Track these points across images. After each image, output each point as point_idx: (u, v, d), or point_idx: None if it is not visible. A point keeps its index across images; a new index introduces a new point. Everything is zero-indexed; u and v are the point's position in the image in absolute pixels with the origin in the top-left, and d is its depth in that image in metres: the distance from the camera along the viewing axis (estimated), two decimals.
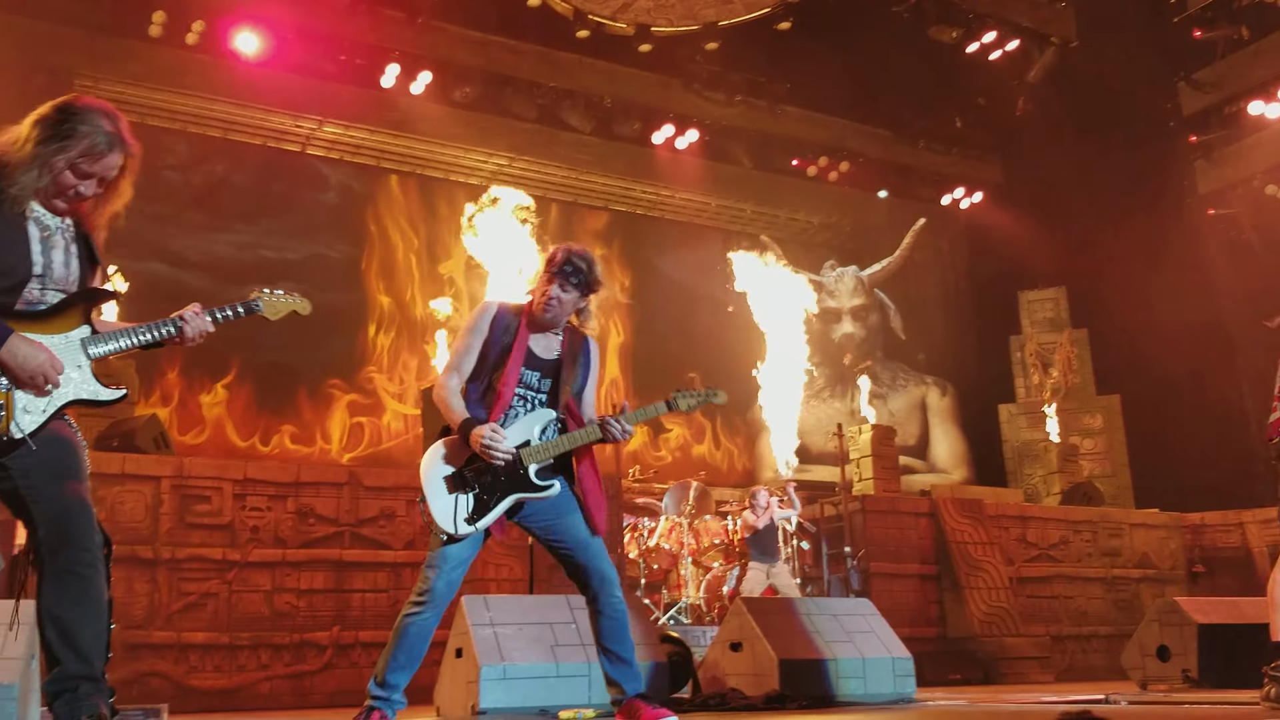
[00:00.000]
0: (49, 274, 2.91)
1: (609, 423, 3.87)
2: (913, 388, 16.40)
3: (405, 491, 9.25)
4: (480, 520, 3.76)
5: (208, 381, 12.48)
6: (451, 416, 3.84)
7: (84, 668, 2.81)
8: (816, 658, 5.51)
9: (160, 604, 7.94)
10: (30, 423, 2.78)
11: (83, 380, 2.90)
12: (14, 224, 2.85)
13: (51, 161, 2.85)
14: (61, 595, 2.82)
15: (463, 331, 4.00)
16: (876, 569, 10.30)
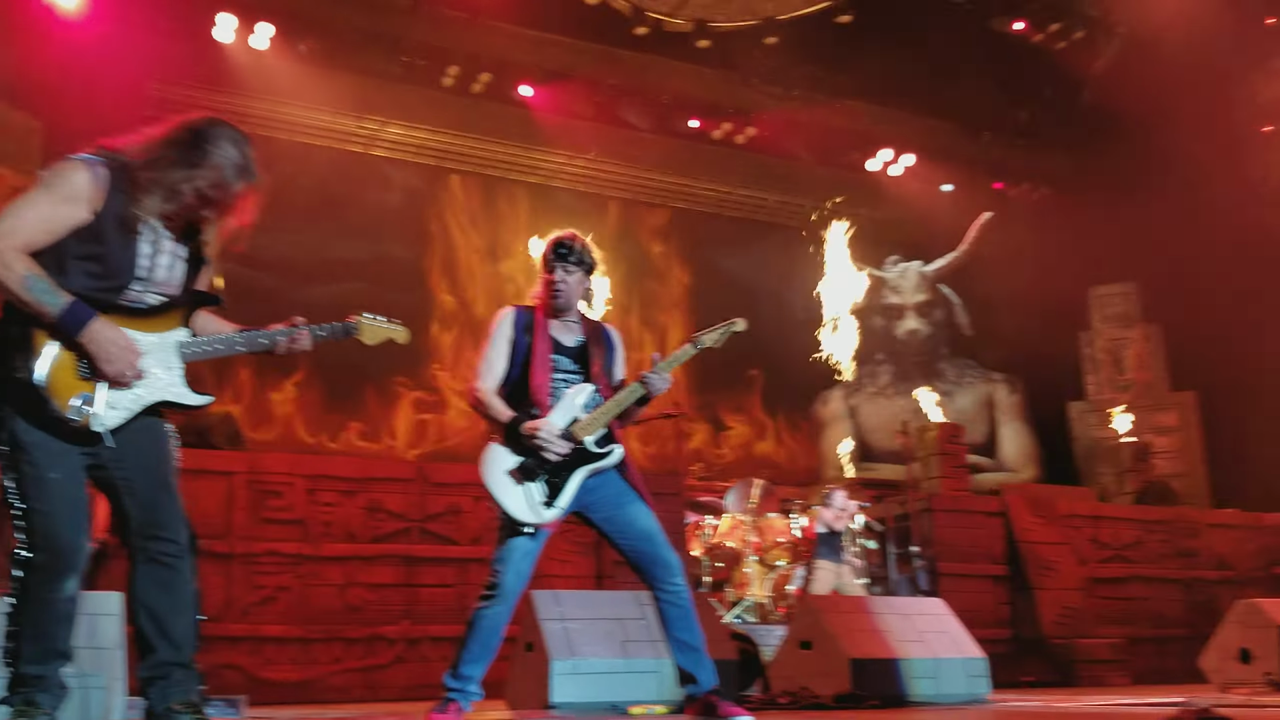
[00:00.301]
0: (152, 277, 2.97)
1: (647, 377, 3.95)
2: (980, 385, 16.16)
3: (471, 487, 9.30)
4: (558, 501, 3.80)
5: (279, 379, 12.67)
6: (496, 417, 3.90)
7: (176, 655, 2.89)
8: (888, 657, 5.46)
9: (235, 597, 8.07)
10: (113, 419, 2.84)
11: (171, 382, 2.95)
12: (128, 228, 2.90)
13: (179, 189, 2.91)
14: (152, 584, 2.90)
15: (487, 339, 4.08)
16: (945, 569, 10.17)
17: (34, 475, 2.80)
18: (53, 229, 2.80)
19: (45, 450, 2.80)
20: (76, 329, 2.74)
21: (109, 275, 2.88)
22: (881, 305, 16.16)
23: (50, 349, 2.76)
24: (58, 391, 2.76)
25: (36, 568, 2.80)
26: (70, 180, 2.83)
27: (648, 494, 4.00)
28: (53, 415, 2.75)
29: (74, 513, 2.85)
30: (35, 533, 2.79)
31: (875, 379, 16.12)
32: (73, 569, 2.84)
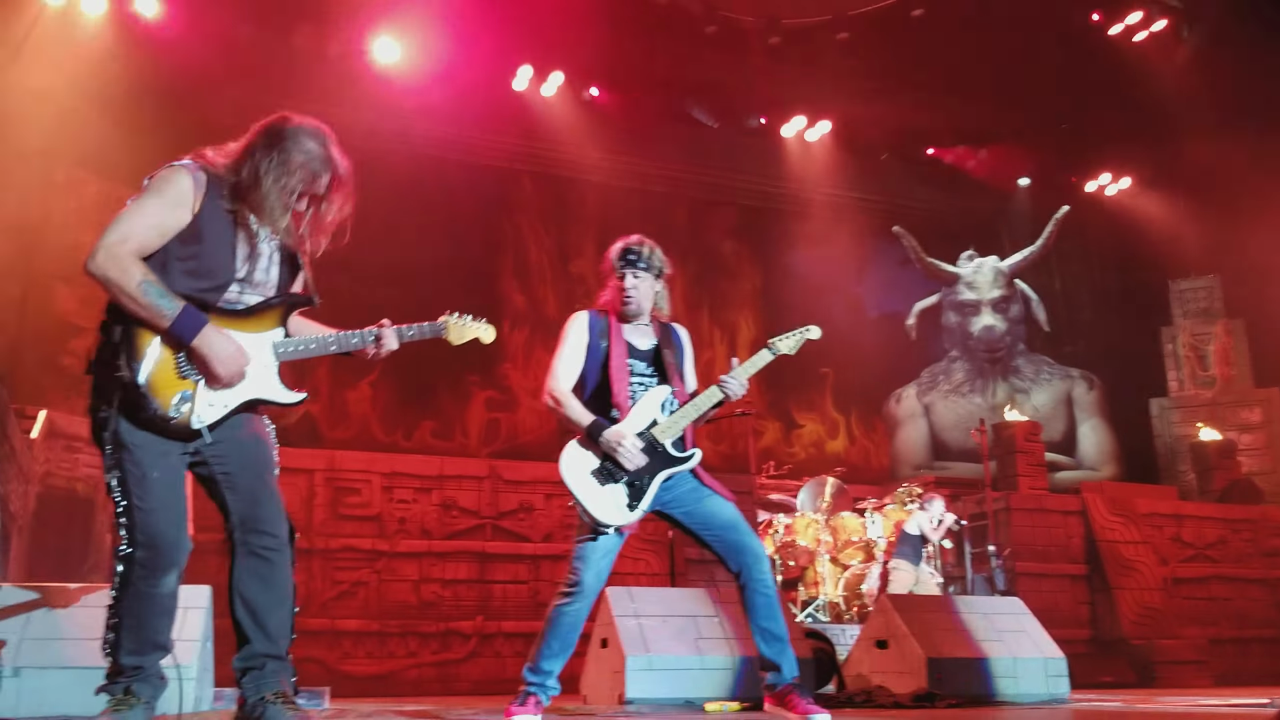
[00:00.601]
0: (250, 278, 3.05)
1: (725, 381, 3.96)
2: (1057, 381, 15.86)
3: (543, 485, 9.40)
4: (639, 504, 3.83)
5: (354, 379, 12.87)
6: (574, 420, 3.93)
7: (271, 647, 2.96)
8: (966, 656, 5.39)
9: (315, 592, 8.24)
10: (211, 415, 2.91)
11: (267, 380, 3.03)
12: (226, 228, 2.99)
13: (285, 200, 3.01)
14: (251, 577, 2.97)
15: (562, 342, 4.09)
16: (1023, 568, 10.04)
17: (137, 474, 2.88)
18: (164, 232, 2.90)
19: (148, 450, 2.89)
20: (191, 334, 2.82)
21: (208, 275, 2.96)
22: (957, 301, 15.93)
23: (153, 350, 2.84)
24: (159, 390, 2.83)
25: (138, 563, 2.87)
26: (176, 184, 2.93)
27: (724, 490, 4.01)
28: (154, 413, 2.83)
29: (174, 510, 2.93)
30: (137, 529, 2.87)
31: (949, 376, 15.91)
32: (173, 564, 2.92)
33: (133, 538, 2.87)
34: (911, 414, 15.67)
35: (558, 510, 9.37)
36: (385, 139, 13.10)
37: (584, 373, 4.04)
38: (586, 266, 14.99)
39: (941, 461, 15.06)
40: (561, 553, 9.34)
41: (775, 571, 9.85)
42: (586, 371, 4.03)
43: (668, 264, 4.18)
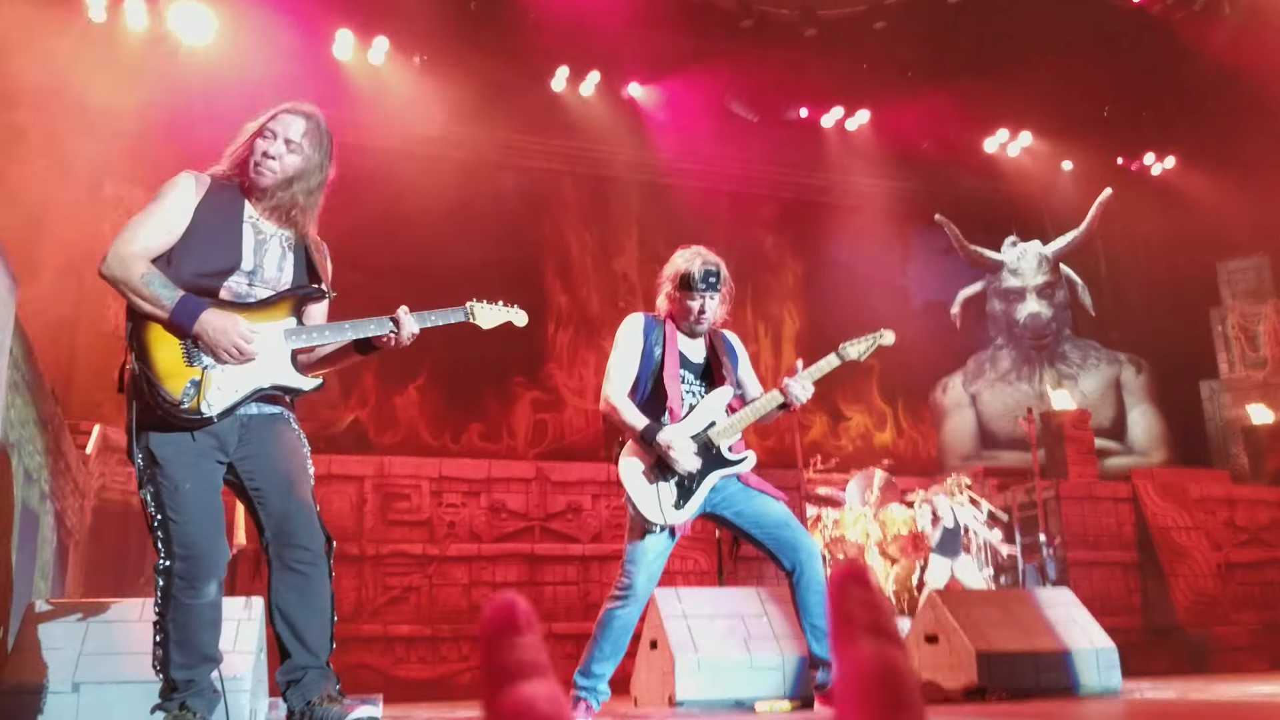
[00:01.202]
0: (259, 272, 3.13)
1: (789, 384, 4.00)
2: (1105, 366, 15.64)
3: (590, 486, 9.45)
4: (688, 504, 3.87)
5: (402, 384, 13.00)
6: (629, 424, 3.96)
7: (311, 659, 3.00)
8: (1017, 650, 5.35)
9: (367, 598, 8.34)
10: (221, 401, 2.94)
11: (280, 366, 3.06)
12: (230, 220, 3.12)
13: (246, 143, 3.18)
14: (288, 591, 3.01)
15: (618, 345, 4.13)
16: (1074, 557, 9.94)
17: (169, 487, 2.94)
18: (169, 230, 3.04)
19: (179, 463, 2.95)
20: (191, 319, 2.90)
21: (213, 260, 3.06)
22: (1001, 288, 15.77)
23: (160, 340, 2.93)
24: (167, 379, 2.90)
25: (176, 575, 2.93)
26: (177, 186, 3.10)
27: (773, 489, 4.04)
28: (164, 401, 2.88)
29: (209, 521, 2.98)
30: (173, 541, 2.93)
31: (996, 364, 15.75)
32: (212, 574, 2.97)
33: (169, 550, 2.93)
34: (958, 403, 15.53)
35: (605, 511, 9.41)
36: (427, 144, 13.22)
37: (638, 378, 4.07)
38: (629, 264, 15.02)
39: (990, 451, 14.92)
40: (610, 553, 9.40)
41: (825, 566, 9.84)
42: (640, 376, 4.07)
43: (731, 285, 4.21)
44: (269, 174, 3.13)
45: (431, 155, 13.28)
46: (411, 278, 12.90)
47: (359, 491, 8.66)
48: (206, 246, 3.04)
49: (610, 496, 9.54)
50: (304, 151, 3.18)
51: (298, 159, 3.17)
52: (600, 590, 9.08)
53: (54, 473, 5.47)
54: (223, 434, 3.01)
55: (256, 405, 3.08)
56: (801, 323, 15.54)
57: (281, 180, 3.15)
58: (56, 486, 5.58)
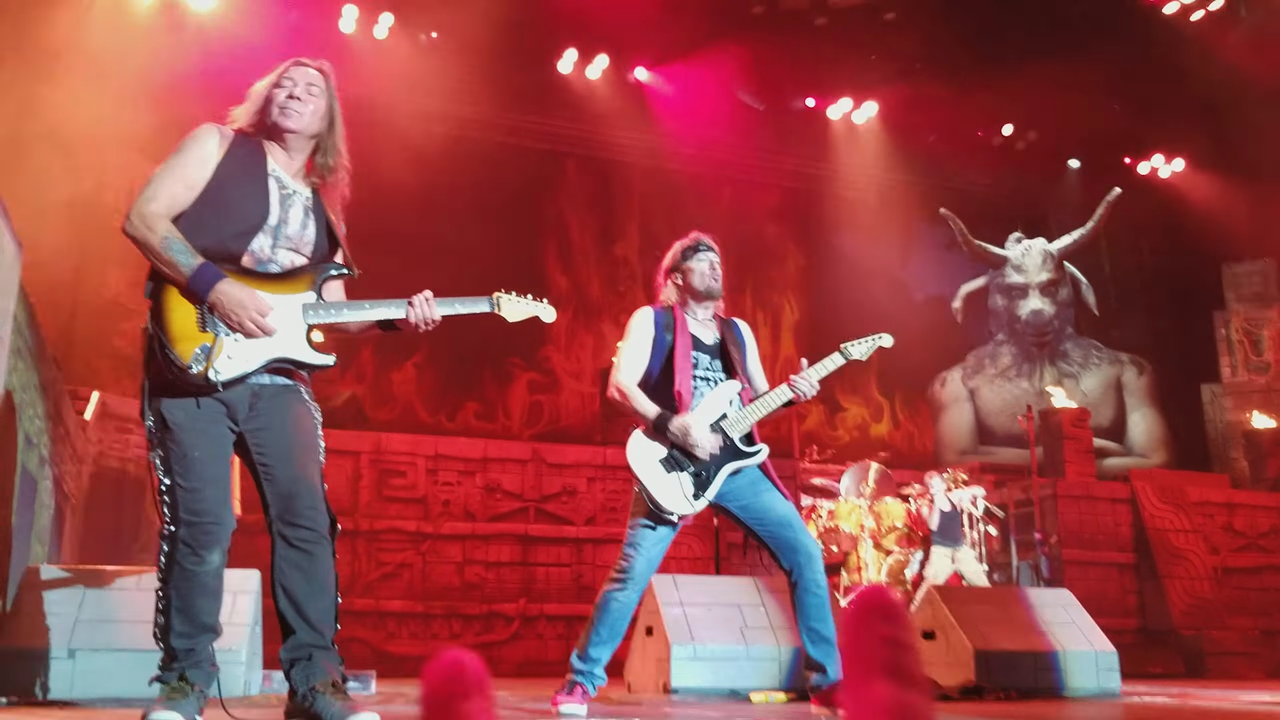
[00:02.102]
0: (283, 227, 3.07)
1: (796, 380, 4.01)
2: (1106, 366, 15.63)
3: (585, 469, 9.43)
4: (704, 495, 3.87)
5: (399, 360, 12.95)
6: (641, 412, 3.98)
7: (315, 637, 2.96)
8: (1015, 649, 5.33)
9: (360, 573, 8.33)
10: (229, 369, 2.88)
11: (294, 340, 2.99)
12: (254, 171, 3.06)
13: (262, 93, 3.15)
14: (292, 570, 2.97)
15: (629, 335, 4.16)
16: (1070, 556, 9.94)
17: (179, 453, 2.91)
18: (190, 185, 2.97)
19: (190, 429, 2.91)
20: (207, 287, 2.85)
21: (240, 218, 2.99)
22: (1004, 284, 15.74)
23: (176, 303, 2.88)
24: (178, 341, 2.85)
25: (181, 540, 2.90)
26: (199, 139, 3.04)
27: (780, 483, 4.03)
28: (173, 363, 2.83)
29: (216, 489, 2.94)
30: (179, 507, 2.90)
31: (996, 360, 15.73)
32: (216, 542, 2.94)
33: (175, 516, 2.90)
34: (956, 398, 15.52)
35: (600, 494, 9.39)
36: (429, 122, 13.13)
37: (650, 368, 4.08)
38: (630, 249, 14.96)
39: (986, 447, 14.92)
40: (604, 536, 9.39)
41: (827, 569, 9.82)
42: (652, 365, 4.08)
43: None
44: (296, 114, 3.09)
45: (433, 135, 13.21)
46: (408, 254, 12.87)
47: (355, 466, 8.64)
48: (232, 201, 2.99)
49: (606, 480, 9.51)
50: (323, 98, 3.17)
51: (321, 102, 3.15)
52: (593, 573, 9.06)
53: (53, 438, 5.43)
54: (234, 402, 2.96)
55: (269, 375, 3.02)
56: (801, 313, 15.51)
57: (311, 121, 3.13)
58: (55, 452, 5.54)
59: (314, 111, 3.14)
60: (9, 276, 3.73)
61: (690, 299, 4.19)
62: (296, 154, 3.16)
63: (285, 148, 3.14)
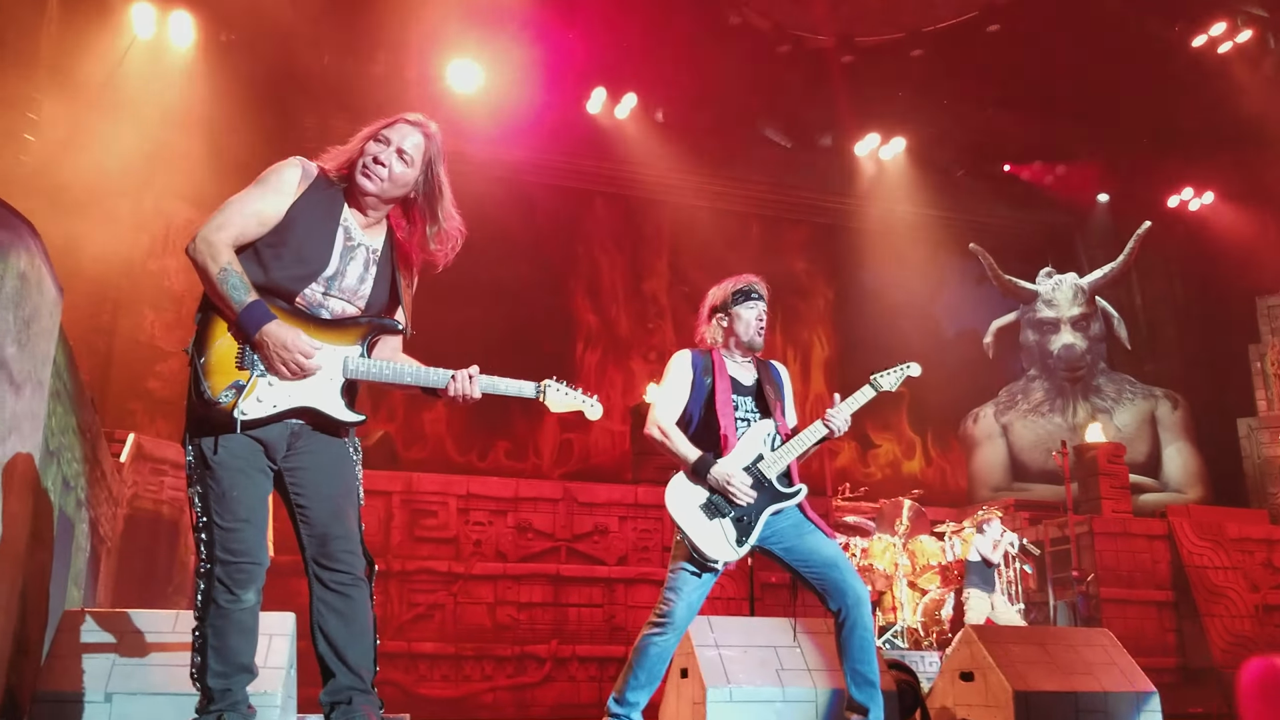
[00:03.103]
0: (338, 279, 3.06)
1: (830, 416, 4.00)
2: (1140, 401, 15.46)
3: (617, 508, 9.40)
4: (748, 540, 3.85)
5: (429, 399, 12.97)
6: (680, 454, 3.97)
7: (355, 680, 2.97)
8: (1055, 690, 5.24)
9: (392, 614, 8.31)
10: (255, 411, 2.88)
11: (327, 392, 2.98)
12: (325, 220, 3.05)
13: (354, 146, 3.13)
14: (330, 613, 2.98)
15: (667, 377, 4.15)
16: (1107, 594, 9.80)
17: (217, 491, 2.91)
18: (262, 220, 2.96)
19: (228, 467, 2.92)
20: (254, 328, 2.84)
21: (299, 262, 2.98)
22: (1035, 319, 15.64)
23: (219, 336, 2.88)
24: (212, 373, 2.85)
25: (217, 579, 2.90)
26: (281, 174, 3.03)
27: (824, 524, 4.00)
28: (203, 394, 2.84)
29: (253, 529, 2.94)
30: (215, 545, 2.90)
31: (1028, 396, 15.60)
32: (251, 581, 2.94)
33: (211, 554, 2.91)
34: (989, 434, 15.38)
35: (631, 533, 9.36)
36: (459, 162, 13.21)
37: (688, 409, 4.07)
38: (659, 286, 15.00)
39: (1021, 483, 14.76)
40: (636, 576, 9.34)
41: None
42: (691, 408, 4.07)
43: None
44: (376, 180, 3.06)
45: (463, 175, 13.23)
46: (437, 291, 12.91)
47: (386, 507, 8.65)
48: (297, 244, 2.97)
49: (637, 519, 9.48)
50: (415, 165, 3.12)
51: (409, 171, 3.11)
52: (625, 614, 9.01)
53: (90, 480, 5.48)
54: (271, 441, 2.96)
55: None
56: (831, 349, 15.47)
57: (388, 188, 3.09)
58: (92, 494, 5.58)
59: (397, 178, 3.10)
60: (50, 321, 3.78)
61: (732, 344, 4.18)
62: (373, 211, 3.14)
63: (359, 208, 3.12)
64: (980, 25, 13.23)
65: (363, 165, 3.05)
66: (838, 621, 3.87)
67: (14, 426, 3.34)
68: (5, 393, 3.24)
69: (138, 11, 10.72)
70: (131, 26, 10.72)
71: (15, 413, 3.36)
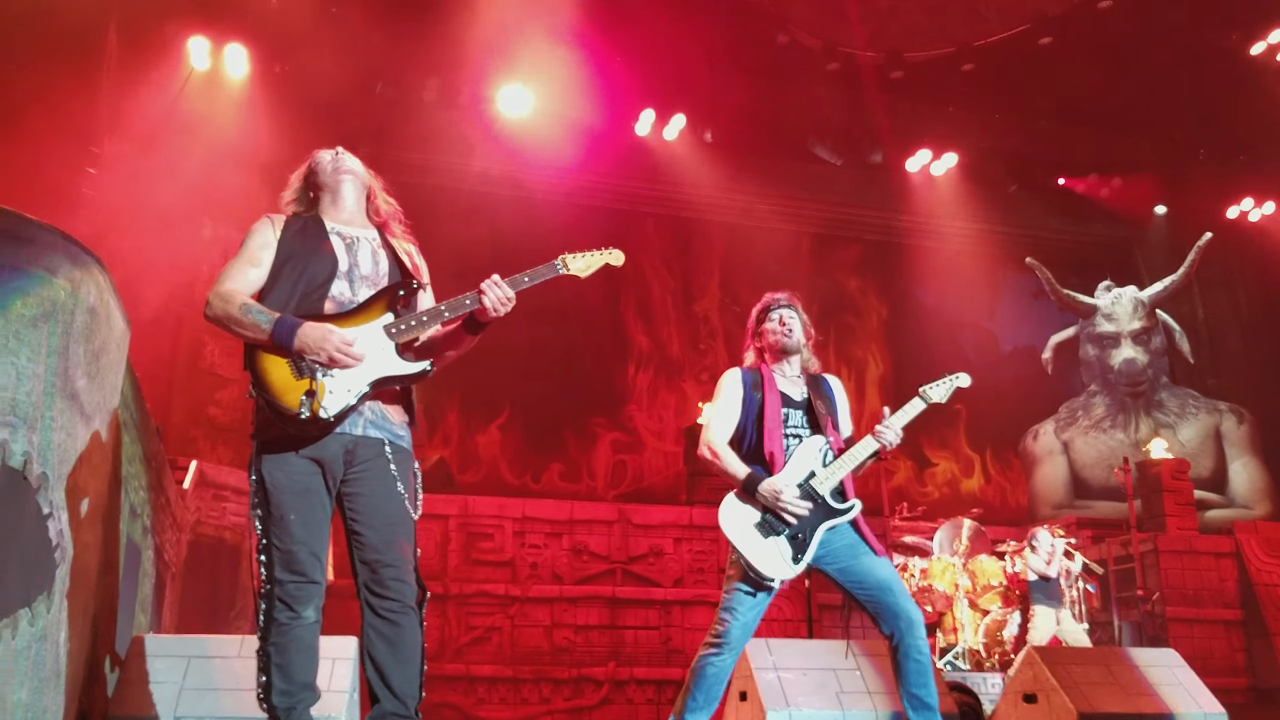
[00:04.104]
0: (356, 269, 3.27)
1: (881, 430, 3.99)
2: (1204, 415, 15.15)
3: (672, 529, 9.39)
4: (803, 558, 3.83)
5: (483, 423, 13.08)
6: (730, 472, 3.97)
7: (398, 706, 3.04)
8: (1120, 712, 5.15)
9: (450, 637, 8.35)
10: (336, 403, 3.04)
11: (387, 359, 3.13)
12: (316, 234, 3.31)
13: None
14: (378, 639, 3.07)
15: (718, 396, 4.16)
16: (1173, 614, 9.60)
17: (276, 514, 3.05)
18: (260, 265, 3.22)
19: (287, 491, 3.05)
20: (289, 335, 3.02)
21: (312, 271, 3.21)
22: (1095, 334, 15.41)
23: (268, 362, 3.05)
24: (283, 394, 3.01)
25: (277, 598, 3.03)
26: (256, 230, 3.30)
27: (879, 545, 3.96)
28: (285, 414, 2.99)
29: (309, 552, 3.06)
30: (275, 566, 3.03)
31: (1089, 412, 15.36)
32: (310, 598, 3.05)
33: (271, 574, 3.04)
34: (1050, 451, 15.16)
35: (687, 554, 9.34)
36: (509, 186, 13.38)
37: (740, 427, 4.07)
38: (710, 306, 15.00)
39: (1083, 500, 14.52)
40: (692, 598, 9.31)
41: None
42: (742, 425, 4.07)
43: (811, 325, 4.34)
44: (348, 164, 3.43)
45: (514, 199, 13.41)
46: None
47: (443, 530, 8.71)
48: (304, 266, 3.21)
49: (693, 540, 9.46)
50: (359, 168, 3.48)
51: (359, 163, 3.48)
52: (682, 635, 8.98)
53: (155, 508, 5.58)
54: (328, 460, 3.09)
55: (364, 426, 3.14)
56: (885, 366, 15.36)
57: (365, 176, 3.45)
58: (157, 521, 5.68)
59: (361, 173, 3.46)
60: (118, 353, 3.86)
61: (772, 359, 4.20)
62: (353, 201, 3.42)
63: (339, 199, 3.40)
64: (1032, 38, 13.12)
65: (332, 165, 3.43)
66: (891, 645, 3.83)
67: (85, 457, 3.42)
68: (77, 424, 3.32)
69: (194, 45, 10.98)
70: (188, 59, 10.97)
71: (86, 443, 3.44)
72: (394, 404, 3.25)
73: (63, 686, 3.23)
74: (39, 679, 3.01)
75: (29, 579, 2.99)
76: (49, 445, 3.09)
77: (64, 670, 3.25)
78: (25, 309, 3.05)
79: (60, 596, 3.20)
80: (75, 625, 3.38)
